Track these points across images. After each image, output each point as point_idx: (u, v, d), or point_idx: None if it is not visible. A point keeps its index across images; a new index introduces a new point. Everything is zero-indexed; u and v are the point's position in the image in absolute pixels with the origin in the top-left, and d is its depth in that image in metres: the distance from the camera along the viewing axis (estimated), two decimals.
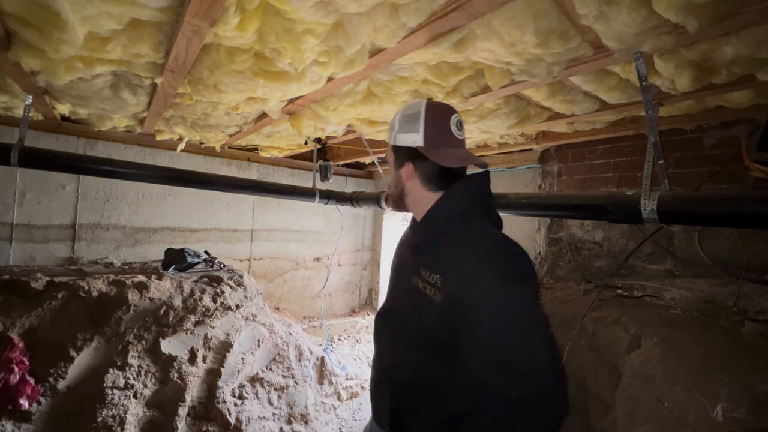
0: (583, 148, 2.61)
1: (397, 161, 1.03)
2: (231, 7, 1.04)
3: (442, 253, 0.91)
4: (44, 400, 2.08)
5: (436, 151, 0.96)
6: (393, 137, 1.03)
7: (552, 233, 2.82)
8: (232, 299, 2.69)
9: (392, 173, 1.06)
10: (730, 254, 1.94)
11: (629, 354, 1.52)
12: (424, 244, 0.98)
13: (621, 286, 2.07)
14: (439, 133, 0.97)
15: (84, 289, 2.28)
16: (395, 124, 1.02)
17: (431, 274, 0.89)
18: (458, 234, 0.91)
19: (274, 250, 3.94)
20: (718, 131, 2.02)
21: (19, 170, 2.65)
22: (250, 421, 2.59)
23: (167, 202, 3.29)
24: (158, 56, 1.34)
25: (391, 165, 1.06)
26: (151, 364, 2.37)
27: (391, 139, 1.04)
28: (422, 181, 0.99)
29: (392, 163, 1.05)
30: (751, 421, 1.04)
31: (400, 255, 1.13)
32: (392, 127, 1.03)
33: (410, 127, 0.98)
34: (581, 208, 1.48)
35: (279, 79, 1.47)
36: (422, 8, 1.06)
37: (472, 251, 0.85)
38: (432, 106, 0.99)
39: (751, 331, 1.45)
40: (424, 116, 0.97)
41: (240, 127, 2.51)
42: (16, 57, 1.27)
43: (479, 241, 0.87)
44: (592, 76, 1.46)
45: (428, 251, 0.95)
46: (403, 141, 0.99)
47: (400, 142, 1.00)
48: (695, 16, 0.90)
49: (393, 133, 1.03)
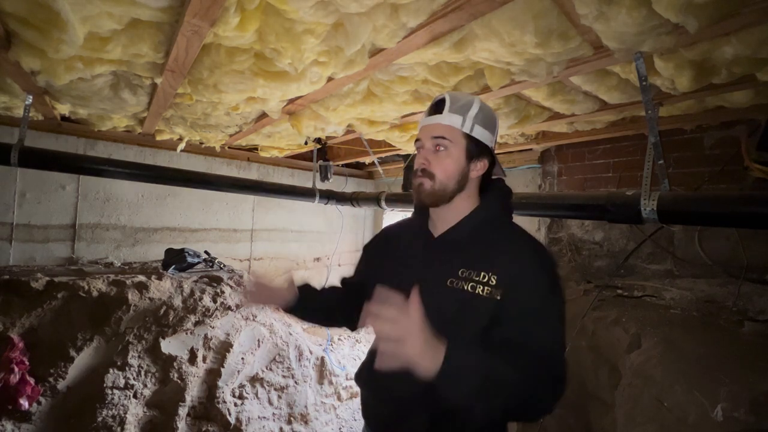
0: (583, 148, 2.61)
1: (471, 153, 0.94)
2: (231, 7, 1.04)
3: (490, 252, 0.91)
4: (44, 400, 2.08)
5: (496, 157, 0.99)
6: (470, 125, 0.93)
7: (552, 233, 2.82)
8: (232, 299, 2.69)
9: (456, 162, 0.94)
10: (730, 254, 1.94)
11: (629, 354, 1.52)
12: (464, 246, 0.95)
13: (621, 286, 2.07)
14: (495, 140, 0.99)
15: (84, 289, 2.28)
16: (472, 111, 0.93)
17: (481, 272, 0.88)
18: (503, 234, 0.95)
19: (274, 250, 3.94)
20: (718, 131, 2.02)
21: (19, 170, 2.65)
22: (250, 421, 2.59)
23: (167, 202, 3.29)
24: (158, 56, 1.34)
25: (454, 153, 0.94)
26: (151, 364, 2.37)
27: (464, 124, 0.93)
28: (480, 181, 0.99)
29: (460, 151, 0.94)
30: (751, 421, 1.04)
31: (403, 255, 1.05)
32: (465, 113, 0.93)
33: (490, 126, 0.96)
34: (581, 208, 1.48)
35: (279, 79, 1.47)
36: (422, 8, 1.06)
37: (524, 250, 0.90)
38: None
39: (751, 331, 1.45)
40: (498, 121, 0.99)
41: (240, 127, 2.51)
42: (16, 57, 1.27)
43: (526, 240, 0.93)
44: (592, 76, 1.46)
45: (469, 253, 0.93)
46: (482, 136, 0.94)
47: (478, 134, 0.94)
48: (695, 16, 0.90)
49: (469, 121, 0.93)
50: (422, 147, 0.97)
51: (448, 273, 0.92)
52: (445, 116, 0.94)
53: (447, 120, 0.94)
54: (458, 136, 0.93)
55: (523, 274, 0.87)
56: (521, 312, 0.85)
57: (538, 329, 0.84)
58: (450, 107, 0.94)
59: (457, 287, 0.90)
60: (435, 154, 0.94)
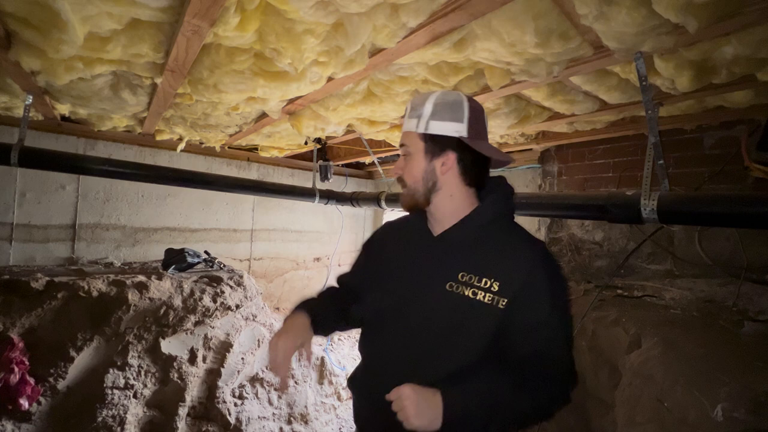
0: (583, 148, 2.61)
1: (431, 151, 0.91)
2: (231, 7, 1.03)
3: (493, 256, 0.88)
4: (44, 400, 2.08)
5: (479, 143, 0.91)
6: (424, 124, 0.91)
7: (552, 233, 2.82)
8: (232, 299, 2.69)
9: (418, 165, 0.93)
10: (730, 254, 1.94)
11: (629, 354, 1.52)
12: (463, 248, 0.91)
13: (621, 286, 2.07)
14: (479, 124, 0.92)
15: (84, 289, 2.28)
16: (426, 110, 0.91)
17: (482, 278, 0.85)
18: (505, 238, 0.91)
19: (274, 250, 3.94)
20: (718, 131, 2.02)
21: (19, 170, 2.65)
22: (250, 421, 2.59)
23: (167, 202, 3.29)
24: (158, 56, 1.34)
25: (415, 156, 0.93)
26: (151, 364, 2.37)
27: (419, 126, 0.91)
28: (461, 175, 0.92)
29: (419, 153, 0.92)
30: (751, 421, 1.04)
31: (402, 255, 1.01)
32: (419, 113, 0.92)
33: (451, 115, 0.90)
34: (581, 208, 1.48)
35: (279, 79, 1.47)
36: (422, 8, 1.06)
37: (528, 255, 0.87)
38: (469, 97, 0.94)
39: (751, 331, 1.45)
40: (468, 105, 0.91)
41: (240, 127, 2.51)
42: (16, 57, 1.26)
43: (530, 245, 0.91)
44: (592, 76, 1.46)
45: (469, 255, 0.90)
46: (442, 129, 0.90)
47: (435, 130, 0.90)
48: (695, 16, 0.90)
49: (423, 121, 0.91)
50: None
51: (448, 276, 0.89)
52: (405, 123, 0.96)
53: (405, 126, 0.96)
54: (415, 139, 0.93)
55: (530, 283, 0.84)
56: (530, 323, 0.84)
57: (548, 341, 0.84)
58: (408, 113, 0.95)
59: (458, 292, 0.87)
60: (404, 161, 0.96)
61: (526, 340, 0.84)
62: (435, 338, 0.89)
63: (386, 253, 1.06)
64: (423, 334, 0.90)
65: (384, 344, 0.98)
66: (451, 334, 0.87)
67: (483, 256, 0.89)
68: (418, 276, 0.94)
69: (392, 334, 0.96)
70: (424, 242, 0.98)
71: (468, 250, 0.90)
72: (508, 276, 0.85)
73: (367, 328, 1.05)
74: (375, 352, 1.02)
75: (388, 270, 1.02)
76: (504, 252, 0.88)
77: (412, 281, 0.95)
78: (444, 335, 0.88)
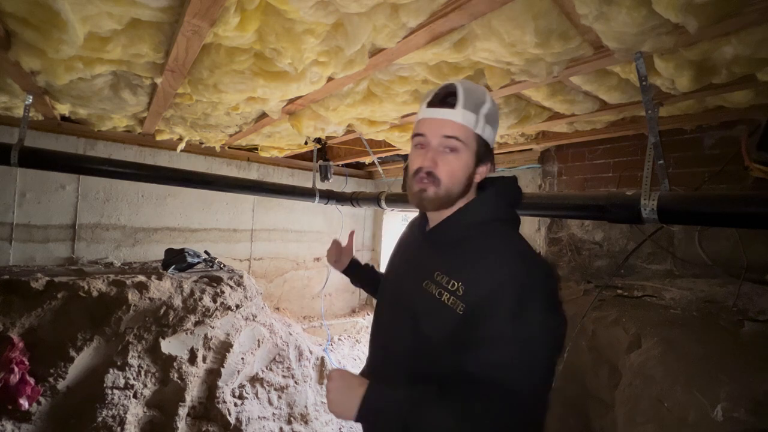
0: (583, 148, 2.61)
1: (480, 156, 0.85)
2: (231, 7, 1.03)
3: (467, 260, 0.82)
4: (44, 400, 2.08)
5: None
6: (482, 125, 0.83)
7: (552, 233, 2.82)
8: (232, 299, 2.69)
9: (465, 166, 0.84)
10: (730, 254, 1.94)
11: (629, 354, 1.52)
12: (444, 247, 0.88)
13: (621, 286, 2.07)
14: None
15: (84, 289, 2.28)
16: (485, 109, 0.84)
17: (450, 280, 0.80)
18: (488, 243, 0.83)
19: (274, 250, 3.94)
20: (718, 131, 2.02)
21: (19, 170, 2.65)
22: (250, 421, 2.59)
23: (167, 202, 3.29)
24: (158, 56, 1.34)
25: (464, 155, 0.83)
26: (151, 364, 2.37)
27: (477, 124, 0.83)
28: (478, 183, 0.90)
29: (470, 154, 0.84)
30: (751, 421, 1.04)
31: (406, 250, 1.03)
32: (479, 109, 0.83)
33: (494, 124, 0.87)
34: (581, 208, 1.48)
35: (279, 79, 1.47)
36: (422, 8, 1.06)
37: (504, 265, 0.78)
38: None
39: (751, 331, 1.45)
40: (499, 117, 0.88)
41: (240, 127, 2.51)
42: (16, 57, 1.27)
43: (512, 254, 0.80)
44: (592, 76, 1.46)
45: (448, 255, 0.86)
46: (489, 137, 0.86)
47: (487, 135, 0.85)
48: (695, 16, 0.90)
49: (482, 121, 0.83)
50: (427, 144, 0.84)
51: (425, 274, 0.86)
52: (459, 113, 0.81)
53: (461, 118, 0.82)
54: (471, 137, 0.83)
55: (495, 293, 0.75)
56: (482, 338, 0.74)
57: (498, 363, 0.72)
58: (464, 102, 0.82)
59: (428, 290, 0.84)
60: (443, 155, 0.83)
61: (473, 355, 0.75)
62: (404, 335, 0.88)
63: (397, 248, 1.09)
64: (398, 329, 0.91)
65: (375, 339, 1.03)
66: (415, 332, 0.85)
67: (459, 258, 0.83)
68: (405, 272, 0.96)
69: (381, 329, 1.00)
70: (418, 239, 0.98)
71: (448, 250, 0.86)
72: (475, 282, 0.77)
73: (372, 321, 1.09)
74: (371, 346, 1.05)
75: (391, 265, 1.06)
76: (479, 257, 0.81)
77: (400, 277, 0.97)
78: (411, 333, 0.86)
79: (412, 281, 0.89)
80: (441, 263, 0.85)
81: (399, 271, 1.01)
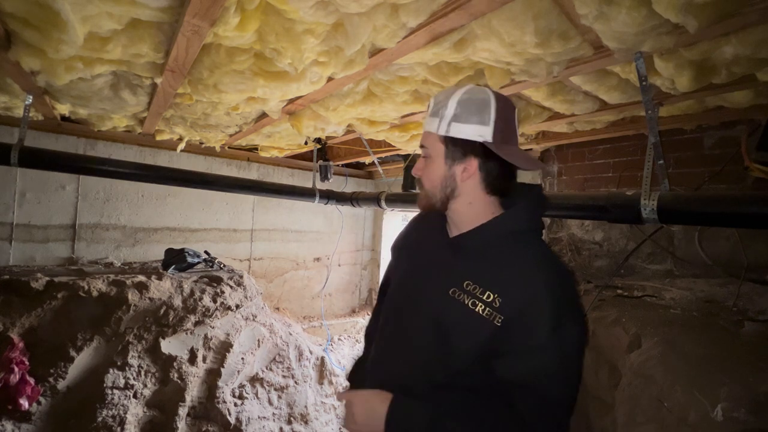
0: (583, 148, 2.61)
1: (451, 156, 0.86)
2: (231, 7, 1.03)
3: (501, 270, 0.82)
4: (44, 400, 2.08)
5: (506, 149, 0.83)
6: (445, 126, 0.84)
7: (552, 233, 2.82)
8: (232, 299, 2.69)
9: (437, 170, 0.87)
10: (730, 254, 1.94)
11: (629, 354, 1.52)
12: (473, 255, 0.87)
13: (621, 286, 2.07)
14: (507, 128, 0.84)
15: (84, 289, 2.28)
16: (448, 110, 0.84)
17: (485, 291, 0.80)
18: (522, 254, 0.84)
19: (274, 250, 3.94)
20: (718, 131, 2.02)
21: (19, 170, 2.65)
22: (250, 421, 2.59)
23: (167, 202, 3.29)
24: (158, 56, 1.34)
25: (435, 159, 0.87)
26: (151, 364, 2.37)
27: (439, 127, 0.85)
28: (483, 183, 0.86)
29: (438, 157, 0.87)
30: (751, 421, 1.04)
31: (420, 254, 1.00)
32: (441, 113, 0.84)
33: (476, 117, 0.82)
34: (581, 208, 1.48)
35: (279, 79, 1.47)
36: (422, 8, 1.06)
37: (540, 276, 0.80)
38: (499, 95, 0.86)
39: (751, 331, 1.45)
40: (495, 106, 0.83)
41: (240, 127, 2.51)
42: (16, 57, 1.26)
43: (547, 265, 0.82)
44: (592, 76, 1.46)
45: (478, 264, 0.85)
46: (464, 133, 0.83)
47: (457, 133, 0.83)
48: (695, 16, 0.90)
49: (444, 122, 0.84)
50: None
51: (453, 282, 0.85)
52: (426, 121, 0.89)
53: (426, 125, 0.89)
54: (435, 141, 0.87)
55: (533, 305, 0.77)
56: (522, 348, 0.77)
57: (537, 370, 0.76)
58: (430, 110, 0.87)
59: (459, 299, 0.83)
60: (423, 163, 0.91)
61: (512, 363, 0.77)
62: (428, 343, 0.87)
63: (406, 249, 1.07)
64: (419, 337, 0.89)
65: (387, 341, 0.98)
66: (442, 341, 0.84)
67: (492, 269, 0.83)
68: (426, 277, 0.93)
69: (396, 332, 0.96)
70: (439, 243, 0.95)
71: (478, 260, 0.86)
72: (513, 294, 0.79)
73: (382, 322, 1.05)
74: (381, 347, 1.01)
75: (405, 271, 1.02)
76: (515, 269, 0.82)
77: (419, 281, 0.94)
78: (436, 341, 0.85)
79: (436, 289, 0.88)
80: (471, 272, 0.84)
81: (416, 276, 0.97)
